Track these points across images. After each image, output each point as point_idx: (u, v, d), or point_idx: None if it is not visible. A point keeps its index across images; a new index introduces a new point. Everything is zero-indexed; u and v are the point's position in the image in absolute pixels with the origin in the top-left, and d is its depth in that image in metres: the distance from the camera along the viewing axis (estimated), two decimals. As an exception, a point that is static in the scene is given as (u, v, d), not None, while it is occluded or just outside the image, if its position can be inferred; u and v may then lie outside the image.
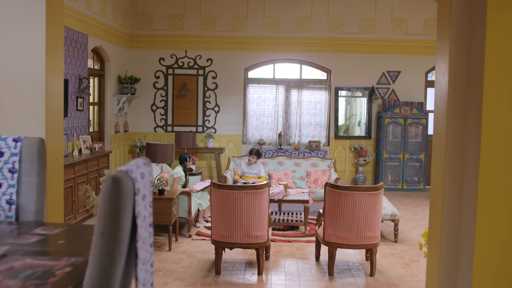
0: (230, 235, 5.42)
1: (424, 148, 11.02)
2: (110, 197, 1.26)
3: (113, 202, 1.26)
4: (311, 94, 11.48)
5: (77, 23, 8.40)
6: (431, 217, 3.31)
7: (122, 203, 1.27)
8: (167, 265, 5.79)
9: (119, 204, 1.27)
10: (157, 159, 6.58)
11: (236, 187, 5.39)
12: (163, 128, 11.59)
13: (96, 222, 1.32)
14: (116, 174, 1.29)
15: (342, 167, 11.51)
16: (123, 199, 1.27)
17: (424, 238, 3.67)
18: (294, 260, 6.09)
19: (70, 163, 7.02)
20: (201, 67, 11.48)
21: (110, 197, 1.26)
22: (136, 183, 1.36)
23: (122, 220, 1.28)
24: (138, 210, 1.38)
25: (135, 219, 1.37)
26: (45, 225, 2.21)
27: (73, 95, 8.41)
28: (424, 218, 8.51)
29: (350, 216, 5.38)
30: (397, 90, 11.50)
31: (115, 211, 1.26)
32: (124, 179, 1.29)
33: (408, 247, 6.71)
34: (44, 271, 1.61)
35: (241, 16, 11.31)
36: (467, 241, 2.88)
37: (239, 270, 5.67)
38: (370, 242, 5.48)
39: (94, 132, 9.72)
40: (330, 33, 11.34)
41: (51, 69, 3.18)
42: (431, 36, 11.35)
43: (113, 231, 1.27)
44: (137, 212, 1.37)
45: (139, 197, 1.39)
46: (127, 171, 1.34)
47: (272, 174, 8.87)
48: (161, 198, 6.32)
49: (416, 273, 5.70)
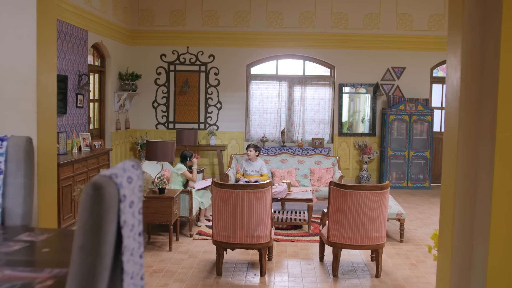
0: (232, 235, 5.27)
1: (430, 145, 10.85)
2: (90, 206, 1.11)
3: (93, 212, 1.11)
4: (315, 90, 11.31)
5: (77, 18, 8.25)
6: (442, 219, 3.15)
7: (104, 213, 1.12)
8: (167, 266, 5.65)
9: (101, 214, 1.12)
10: (157, 157, 6.43)
11: (238, 186, 5.24)
12: (165, 125, 11.44)
13: (75, 234, 1.17)
14: (97, 180, 1.13)
15: (346, 164, 11.34)
16: (105, 208, 1.12)
17: (434, 240, 3.51)
18: (298, 261, 5.94)
19: (69, 161, 6.89)
20: (203, 63, 11.33)
21: (90, 207, 1.11)
22: (122, 189, 1.21)
23: (104, 232, 1.13)
24: (124, 219, 1.23)
25: (121, 229, 1.22)
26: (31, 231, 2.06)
27: (73, 91, 8.27)
28: (430, 217, 8.35)
29: (355, 216, 5.22)
30: (402, 86, 11.32)
31: (96, 222, 1.11)
32: (106, 185, 1.14)
33: (414, 247, 6.56)
34: (23, 285, 1.46)
35: (243, 12, 11.14)
36: (481, 244, 2.72)
37: (241, 271, 5.53)
38: (375, 242, 5.33)
39: (94, 130, 9.59)
40: (334, 28, 11.17)
41: (43, 64, 3.03)
42: (437, 32, 11.16)
43: (94, 244, 1.12)
44: (123, 222, 1.22)
45: (125, 204, 1.24)
46: (111, 176, 1.19)
47: (275, 172, 8.72)
48: (161, 197, 6.17)
49: (423, 274, 5.54)
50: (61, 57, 7.74)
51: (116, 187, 1.19)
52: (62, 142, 7.32)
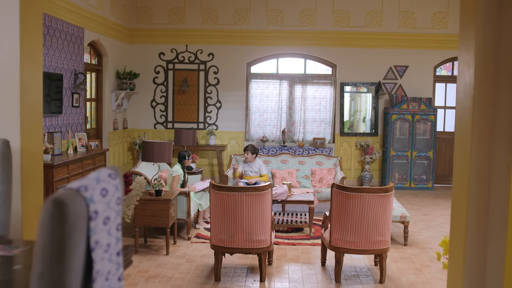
0: (231, 239, 5.07)
1: (433, 145, 10.65)
2: (50, 227, 0.91)
3: (54, 234, 0.91)
4: (316, 89, 11.11)
5: (72, 16, 8.05)
6: (453, 226, 2.96)
7: (68, 235, 0.92)
8: (164, 271, 5.45)
9: (64, 237, 0.92)
10: (153, 158, 6.24)
11: (236, 188, 5.04)
12: (163, 125, 11.25)
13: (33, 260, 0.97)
14: (60, 196, 0.94)
15: (347, 164, 11.14)
16: (69, 230, 0.92)
17: (443, 247, 3.32)
18: (299, 265, 5.75)
19: (64, 162, 6.69)
20: (202, 62, 11.13)
21: (51, 228, 0.91)
22: (92, 205, 1.02)
23: (68, 257, 0.94)
24: (96, 239, 1.04)
25: (91, 252, 1.03)
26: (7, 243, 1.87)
27: (69, 90, 8.08)
28: (433, 219, 8.15)
29: (359, 219, 5.03)
30: (404, 85, 11.12)
31: (58, 246, 0.91)
32: (71, 201, 0.94)
33: (419, 251, 6.36)
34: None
35: (243, 9, 10.94)
36: (496, 255, 2.53)
37: (240, 277, 5.34)
38: (379, 247, 5.13)
39: (91, 129, 9.40)
40: (335, 26, 10.96)
41: (27, 61, 2.84)
42: (440, 30, 10.96)
43: (56, 272, 0.93)
44: (94, 243, 1.03)
45: (97, 222, 1.05)
46: (79, 189, 0.99)
47: (275, 173, 8.52)
48: (158, 200, 5.98)
49: (428, 279, 5.34)
50: (56, 55, 7.55)
51: (84, 203, 0.99)
52: (57, 142, 7.12)
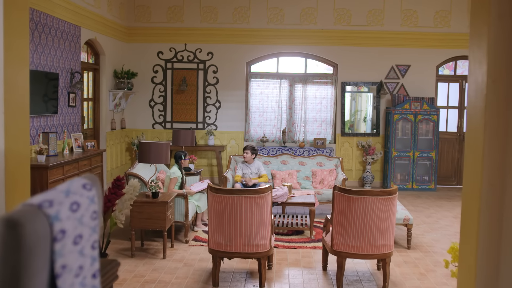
0: (229, 243, 4.91)
1: (435, 145, 10.48)
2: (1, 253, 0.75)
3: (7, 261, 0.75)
4: (317, 89, 10.94)
5: (69, 14, 7.89)
6: (463, 232, 2.81)
7: (24, 262, 0.76)
8: (161, 276, 5.29)
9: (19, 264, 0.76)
10: (150, 160, 6.08)
11: (235, 191, 4.87)
12: (162, 125, 11.09)
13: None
14: (13, 215, 0.77)
15: (349, 165, 10.98)
16: (25, 255, 0.76)
17: (451, 254, 3.16)
18: (299, 270, 5.58)
19: (59, 163, 6.54)
20: (202, 61, 10.97)
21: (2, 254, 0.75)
22: (57, 223, 0.86)
23: (24, 287, 0.78)
24: (63, 263, 0.89)
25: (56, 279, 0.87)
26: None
27: (65, 90, 7.92)
28: (437, 221, 7.99)
29: (361, 223, 4.87)
30: (406, 85, 10.96)
31: (10, 276, 0.75)
32: (27, 221, 0.77)
33: (423, 254, 6.20)
34: None
35: (243, 8, 10.78)
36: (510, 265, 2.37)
37: (239, 282, 5.18)
38: (383, 251, 4.97)
39: (88, 129, 9.24)
40: (336, 25, 10.80)
41: (12, 58, 2.67)
42: (442, 29, 10.80)
43: (10, 306, 0.78)
44: (60, 268, 0.87)
45: (64, 243, 0.89)
46: (40, 205, 0.83)
47: (275, 174, 8.35)
48: (154, 202, 5.82)
49: (433, 285, 5.18)
50: (51, 54, 7.39)
51: (47, 221, 0.84)
52: (52, 143, 6.96)
